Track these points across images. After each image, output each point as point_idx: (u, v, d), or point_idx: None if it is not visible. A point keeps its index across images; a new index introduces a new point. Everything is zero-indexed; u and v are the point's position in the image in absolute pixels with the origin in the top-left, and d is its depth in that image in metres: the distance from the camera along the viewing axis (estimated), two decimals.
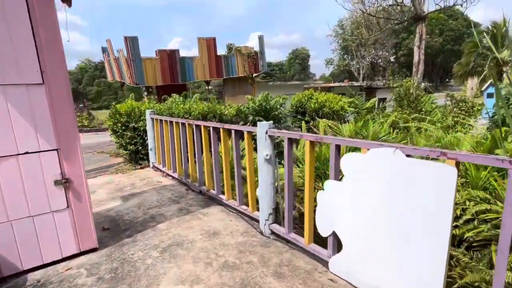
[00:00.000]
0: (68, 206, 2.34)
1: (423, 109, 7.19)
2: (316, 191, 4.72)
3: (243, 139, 3.09)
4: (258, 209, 2.90)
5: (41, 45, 2.08)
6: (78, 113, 16.50)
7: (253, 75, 12.91)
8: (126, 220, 3.13)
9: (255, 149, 2.74)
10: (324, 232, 2.12)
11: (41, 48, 2.08)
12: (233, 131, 3.03)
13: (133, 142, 5.45)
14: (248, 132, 2.82)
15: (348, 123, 7.03)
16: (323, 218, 2.11)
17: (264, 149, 2.54)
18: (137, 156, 5.57)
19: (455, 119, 6.31)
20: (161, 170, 5.02)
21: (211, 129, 3.43)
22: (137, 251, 2.50)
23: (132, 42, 9.62)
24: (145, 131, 5.36)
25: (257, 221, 2.87)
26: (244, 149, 4.13)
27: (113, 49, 10.64)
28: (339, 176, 2.01)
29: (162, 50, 10.65)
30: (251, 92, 12.61)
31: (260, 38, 12.73)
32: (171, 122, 4.42)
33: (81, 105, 17.67)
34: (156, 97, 9.59)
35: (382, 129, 5.90)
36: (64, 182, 2.28)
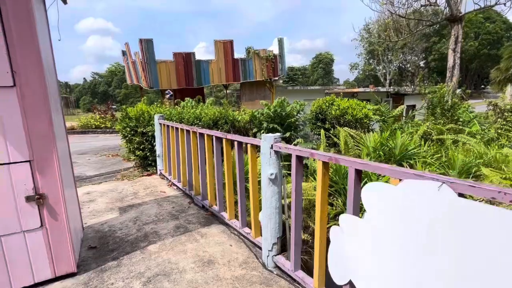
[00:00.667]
0: (42, 225, 2.05)
1: (460, 119, 6.42)
2: (333, 208, 4.21)
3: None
4: (262, 234, 2.48)
5: (12, 43, 1.82)
6: (102, 115, 16.91)
7: (272, 79, 12.48)
8: (116, 238, 2.82)
9: None
10: (338, 279, 1.66)
11: (13, 46, 1.82)
12: (236, 143, 2.64)
13: (141, 147, 5.23)
14: (252, 145, 2.41)
15: (373, 132, 6.42)
16: (337, 261, 1.65)
17: (269, 167, 2.12)
18: (145, 162, 5.35)
19: (499, 131, 5.52)
20: (167, 179, 4.75)
21: (214, 138, 3.07)
22: (118, 280, 2.16)
23: (147, 45, 9.55)
24: (153, 136, 5.13)
25: (261, 248, 2.45)
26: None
27: (132, 52, 10.69)
28: (359, 210, 1.55)
29: (178, 53, 10.49)
30: (269, 97, 12.20)
31: (280, 41, 12.27)
32: (177, 128, 4.13)
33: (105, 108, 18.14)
34: (170, 101, 9.47)
35: (412, 140, 5.27)
36: (38, 198, 2.00)
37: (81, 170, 6.05)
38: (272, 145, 2.08)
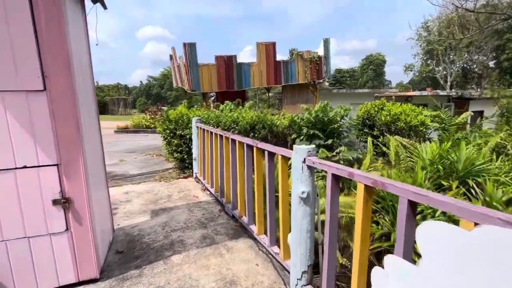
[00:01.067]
0: (67, 229, 2.05)
1: None
2: (378, 227, 3.72)
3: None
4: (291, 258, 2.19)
5: (43, 47, 1.83)
6: (152, 116, 18.02)
7: (315, 82, 11.92)
8: (143, 244, 2.78)
9: None
10: None
11: (44, 51, 1.83)
12: (266, 152, 2.40)
13: (179, 150, 5.29)
14: (283, 156, 2.15)
15: (430, 142, 5.64)
16: None
17: (300, 184, 1.84)
18: (183, 164, 5.40)
19: None
20: (201, 183, 4.70)
21: (245, 145, 2.87)
22: None
23: (190, 48, 9.81)
24: (191, 139, 5.15)
25: (290, 272, 2.17)
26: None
27: (177, 56, 11.12)
28: (411, 253, 1.19)
29: (220, 56, 10.61)
30: (312, 101, 11.68)
31: (326, 42, 11.65)
32: (211, 132, 4.04)
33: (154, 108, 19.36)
34: (214, 103, 9.61)
35: (480, 154, 4.46)
36: (64, 202, 2.00)
37: (126, 168, 6.37)
38: (304, 159, 1.79)
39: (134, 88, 69.83)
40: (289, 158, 2.11)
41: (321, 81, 11.84)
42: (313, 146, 1.83)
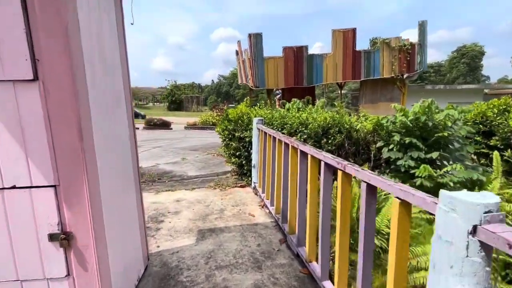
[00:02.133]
0: (68, 275, 1.48)
1: None
2: None
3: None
4: None
5: (35, 22, 1.25)
6: (219, 113, 18.24)
7: (404, 76, 9.77)
8: (179, 284, 2.12)
9: None
10: None
11: (36, 26, 1.25)
12: (364, 185, 1.43)
13: (237, 154, 4.64)
14: (403, 201, 1.15)
15: None
16: None
17: (458, 279, 0.83)
18: (241, 170, 4.73)
19: None
20: (260, 196, 3.93)
21: (323, 164, 1.94)
22: None
23: (255, 40, 8.98)
24: (251, 142, 4.43)
25: None
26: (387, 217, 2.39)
27: (243, 51, 10.54)
28: None
29: (288, 48, 9.45)
30: (398, 99, 9.71)
31: (421, 25, 9.27)
32: (274, 137, 3.22)
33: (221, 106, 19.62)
34: (276, 101, 8.76)
35: None
36: (63, 239, 1.42)
37: (186, 168, 6.08)
38: (475, 228, 0.79)
39: (206, 86, 74.39)
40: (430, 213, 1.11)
41: (412, 74, 9.67)
42: (497, 199, 0.81)
